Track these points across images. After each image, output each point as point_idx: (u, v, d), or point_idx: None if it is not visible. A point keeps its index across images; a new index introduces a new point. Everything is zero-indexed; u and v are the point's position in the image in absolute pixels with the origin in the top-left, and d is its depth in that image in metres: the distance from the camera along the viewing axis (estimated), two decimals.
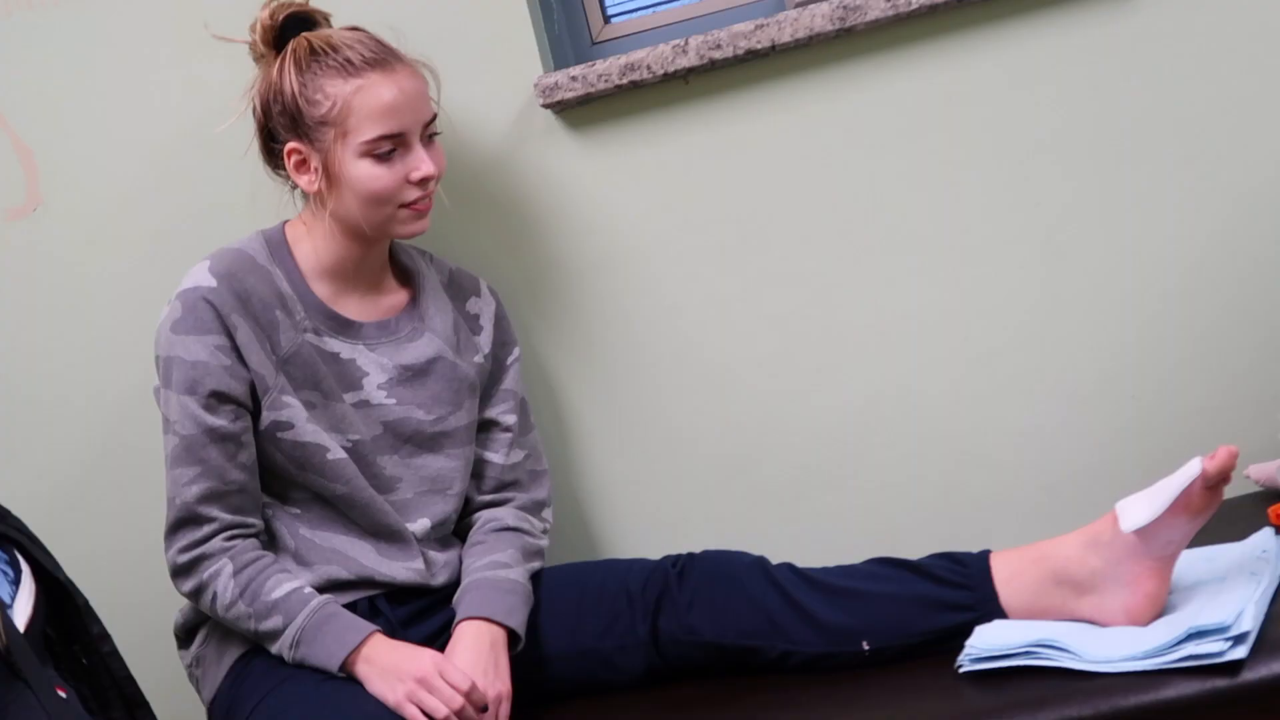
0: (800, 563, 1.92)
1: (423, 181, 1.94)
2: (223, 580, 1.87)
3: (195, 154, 2.23)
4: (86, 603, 1.73)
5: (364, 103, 1.91)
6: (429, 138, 1.97)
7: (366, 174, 1.92)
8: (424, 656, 1.83)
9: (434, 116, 1.98)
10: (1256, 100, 2.08)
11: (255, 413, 1.93)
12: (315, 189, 1.95)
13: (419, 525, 1.99)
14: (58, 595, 1.71)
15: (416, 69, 1.98)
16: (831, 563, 1.92)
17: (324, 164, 1.94)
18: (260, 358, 1.92)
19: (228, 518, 1.90)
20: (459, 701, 1.81)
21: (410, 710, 1.80)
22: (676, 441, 2.23)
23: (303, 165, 1.96)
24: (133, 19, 2.22)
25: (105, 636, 1.75)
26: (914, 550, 1.90)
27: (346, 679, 1.84)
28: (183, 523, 1.89)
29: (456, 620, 1.92)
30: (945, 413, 2.17)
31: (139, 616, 2.25)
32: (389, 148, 1.92)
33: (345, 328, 1.99)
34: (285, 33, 1.98)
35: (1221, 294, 2.11)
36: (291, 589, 1.87)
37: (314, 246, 1.99)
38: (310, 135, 1.93)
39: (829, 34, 2.09)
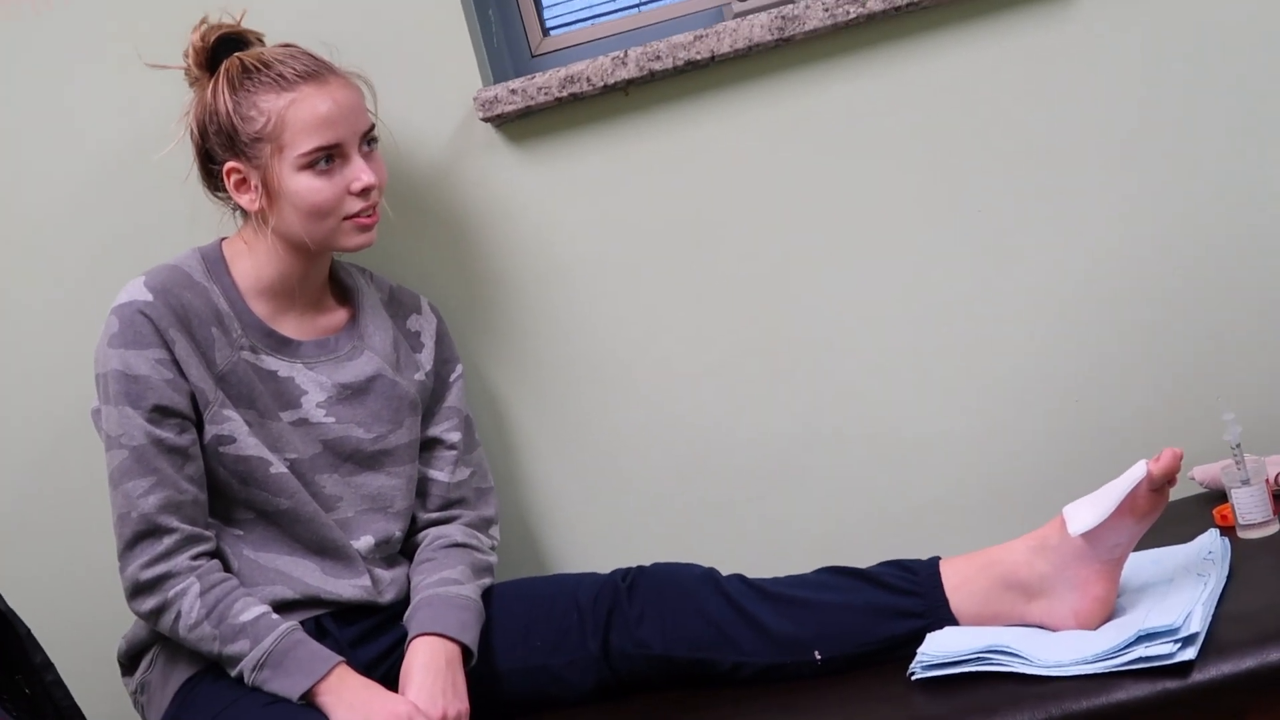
0: (750, 573, 1.91)
1: (364, 192, 1.93)
2: (188, 600, 1.85)
3: (133, 178, 2.20)
4: (29, 632, 1.72)
5: (298, 115, 1.90)
6: (368, 148, 1.96)
7: (306, 187, 1.91)
8: (399, 702, 1.82)
9: (371, 126, 1.97)
10: (1196, 103, 2.09)
11: (199, 426, 1.90)
12: (257, 207, 1.94)
13: (362, 543, 1.98)
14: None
15: (350, 80, 1.97)
16: (781, 572, 1.91)
17: (263, 180, 1.92)
18: (199, 372, 1.90)
19: (187, 528, 1.87)
20: None
21: None
22: (623, 454, 2.22)
23: (243, 184, 1.94)
24: (65, 40, 2.19)
25: (48, 665, 1.73)
26: (864, 558, 1.91)
27: (302, 706, 1.82)
28: (142, 535, 1.86)
29: (410, 637, 1.90)
30: (891, 420, 2.18)
31: (81, 644, 2.22)
32: (326, 159, 1.91)
33: (283, 346, 1.97)
34: (217, 54, 1.98)
35: (1164, 296, 2.12)
36: (260, 613, 1.85)
37: (254, 264, 1.97)
38: (247, 153, 1.92)
39: (768, 44, 2.09)
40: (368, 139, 1.96)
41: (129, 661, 1.99)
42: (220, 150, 1.95)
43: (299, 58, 1.94)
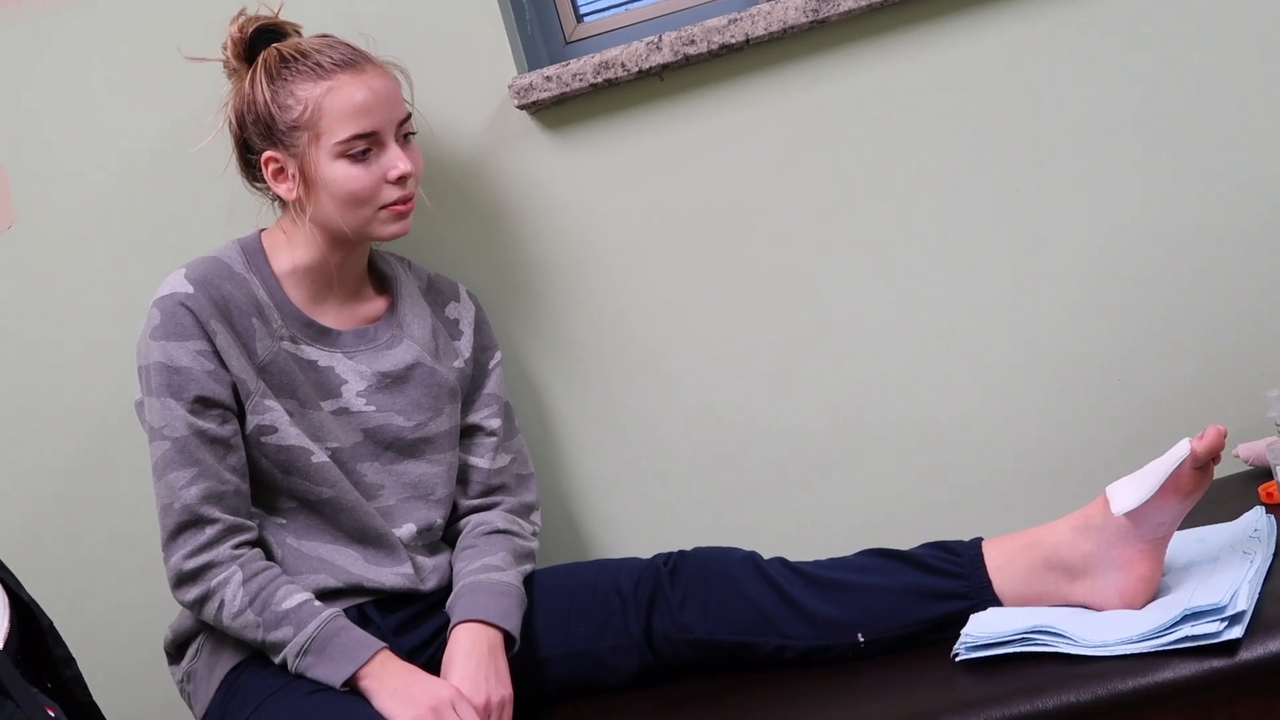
0: (792, 557, 1.91)
1: (400, 180, 1.94)
2: (231, 588, 1.86)
3: (171, 169, 2.21)
4: (51, 624, 1.69)
5: (335, 103, 1.91)
6: (404, 137, 1.97)
7: (343, 175, 1.92)
8: (442, 687, 1.82)
9: (408, 116, 1.97)
10: (1232, 77, 2.07)
11: (241, 416, 1.91)
12: (294, 196, 1.95)
13: (404, 530, 1.98)
14: (23, 616, 1.65)
15: (387, 69, 1.98)
16: (823, 556, 1.91)
17: (300, 169, 1.93)
18: (240, 362, 1.91)
19: (229, 519, 1.88)
20: None
21: None
22: (663, 439, 2.22)
23: (280, 173, 1.95)
24: (105, 34, 2.20)
25: (69, 660, 1.70)
26: (905, 540, 1.90)
27: (345, 692, 1.82)
28: (185, 526, 1.87)
29: (452, 624, 1.91)
30: (932, 401, 2.17)
31: (128, 634, 2.24)
32: (363, 147, 1.92)
33: (323, 335, 1.98)
34: (255, 45, 1.99)
35: (1204, 273, 2.11)
36: (302, 600, 1.86)
37: (293, 254, 1.98)
38: (285, 141, 1.93)
39: (803, 26, 2.08)
40: (404, 128, 1.97)
41: (175, 651, 2.00)
42: (258, 140, 1.96)
43: (336, 47, 1.95)
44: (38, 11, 2.20)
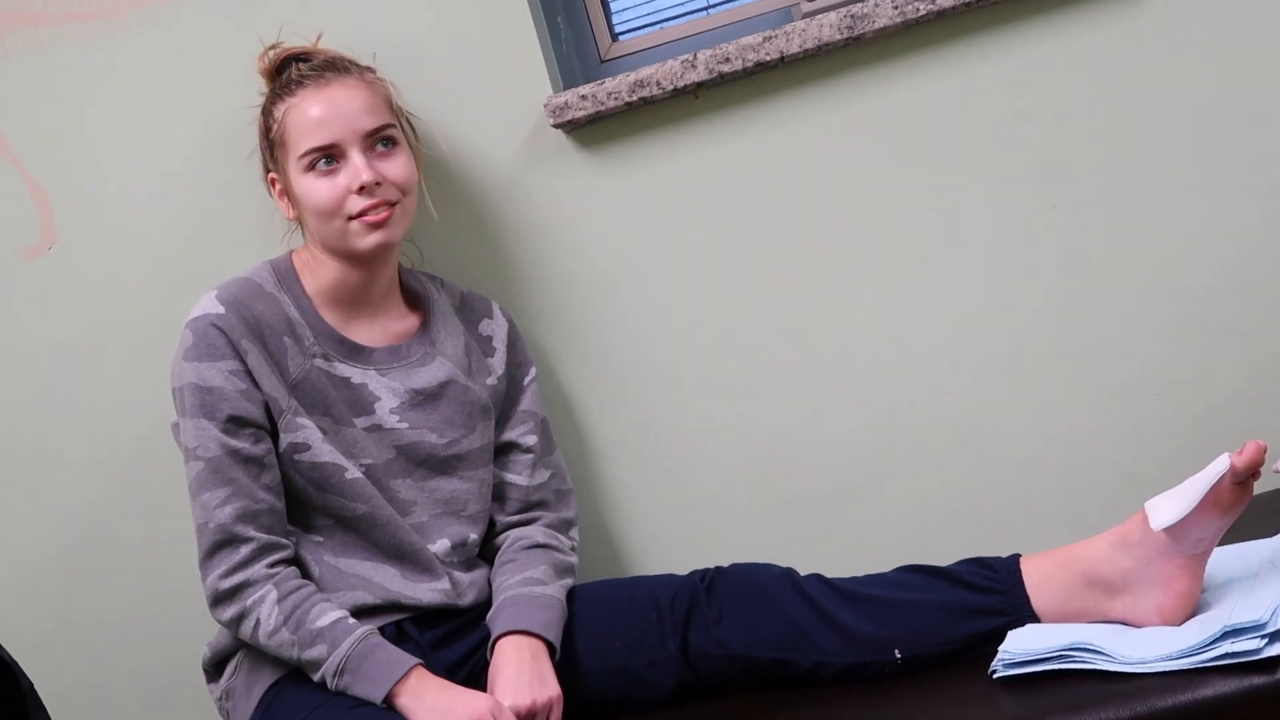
0: (828, 573, 1.91)
1: (365, 190, 1.94)
2: (266, 607, 1.86)
3: (210, 190, 2.23)
4: (31, 686, 1.66)
5: (295, 119, 1.95)
6: (383, 148, 1.96)
7: (309, 189, 1.95)
8: (481, 699, 1.82)
9: (381, 127, 1.96)
10: (1274, 94, 2.06)
11: (274, 435, 1.93)
12: (293, 215, 2.00)
13: (439, 546, 1.99)
14: (2, 677, 1.63)
15: (361, 81, 1.98)
16: (860, 572, 1.91)
17: (286, 186, 1.97)
18: (272, 381, 1.92)
19: (263, 537, 1.89)
20: None
21: None
22: (699, 457, 2.22)
23: (282, 193, 2.01)
24: (142, 56, 2.22)
25: None
26: (942, 557, 1.89)
27: (386, 710, 1.83)
28: (219, 546, 1.88)
29: (494, 637, 1.91)
30: (968, 418, 2.16)
31: (167, 652, 2.25)
32: (326, 160, 1.95)
33: (355, 353, 1.99)
34: (283, 70, 2.04)
35: (1244, 288, 2.10)
36: (336, 618, 1.86)
37: (315, 274, 2.00)
38: (275, 160, 1.99)
39: (837, 43, 2.09)
40: (377, 136, 1.96)
41: (214, 669, 2.01)
42: (269, 161, 2.01)
43: (313, 62, 2.00)
44: (71, 36, 2.22)
